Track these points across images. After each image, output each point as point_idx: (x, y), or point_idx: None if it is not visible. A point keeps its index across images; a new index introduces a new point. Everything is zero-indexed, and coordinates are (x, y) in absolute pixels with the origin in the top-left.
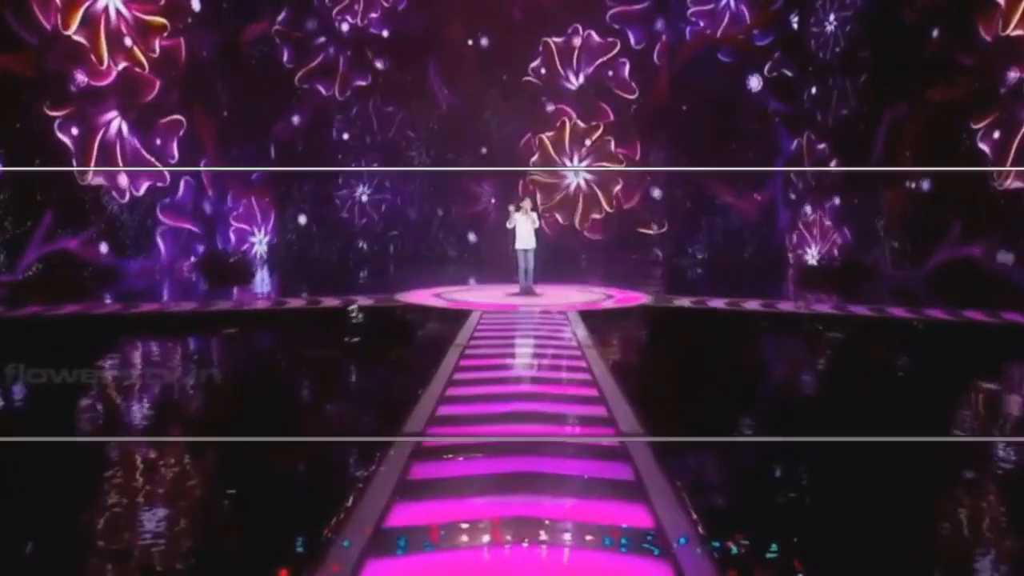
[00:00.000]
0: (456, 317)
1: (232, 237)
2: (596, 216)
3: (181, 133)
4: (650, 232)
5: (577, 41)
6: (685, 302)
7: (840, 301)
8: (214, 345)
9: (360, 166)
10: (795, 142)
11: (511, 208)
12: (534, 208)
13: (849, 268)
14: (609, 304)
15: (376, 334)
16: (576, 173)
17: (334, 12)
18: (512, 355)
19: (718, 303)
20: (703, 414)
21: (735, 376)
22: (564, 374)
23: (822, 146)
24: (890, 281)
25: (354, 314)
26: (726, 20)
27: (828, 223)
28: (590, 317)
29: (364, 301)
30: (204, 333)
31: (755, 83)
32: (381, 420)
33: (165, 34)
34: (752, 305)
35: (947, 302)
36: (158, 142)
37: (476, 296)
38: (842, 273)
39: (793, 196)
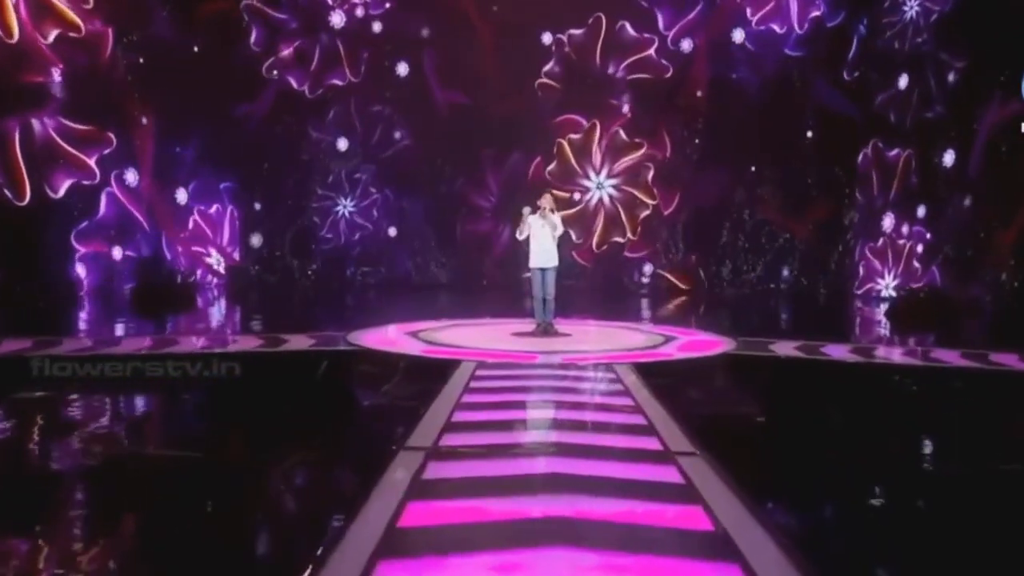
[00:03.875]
0: (432, 375)
1: (181, 255)
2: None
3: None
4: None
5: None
6: (788, 349)
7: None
8: None
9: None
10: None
11: (525, 211)
12: (555, 209)
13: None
14: (673, 350)
15: (258, 427)
16: (600, 187)
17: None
18: (526, 490)
19: (840, 351)
20: None
21: None
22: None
23: (895, 152)
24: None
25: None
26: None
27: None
28: (654, 373)
29: (300, 342)
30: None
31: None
32: None
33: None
34: (896, 355)
35: None
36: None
37: (469, 338)
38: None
39: (871, 211)
